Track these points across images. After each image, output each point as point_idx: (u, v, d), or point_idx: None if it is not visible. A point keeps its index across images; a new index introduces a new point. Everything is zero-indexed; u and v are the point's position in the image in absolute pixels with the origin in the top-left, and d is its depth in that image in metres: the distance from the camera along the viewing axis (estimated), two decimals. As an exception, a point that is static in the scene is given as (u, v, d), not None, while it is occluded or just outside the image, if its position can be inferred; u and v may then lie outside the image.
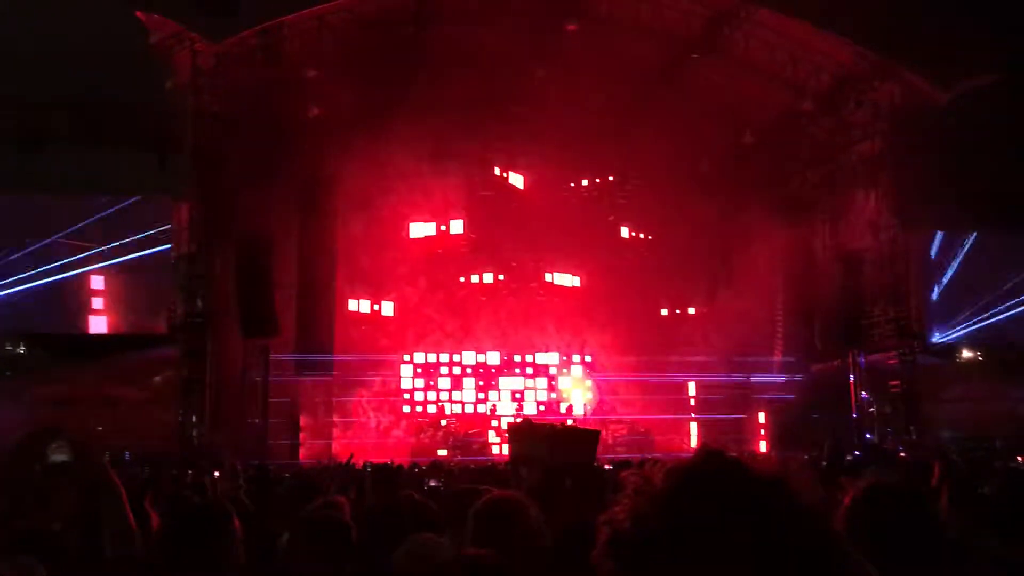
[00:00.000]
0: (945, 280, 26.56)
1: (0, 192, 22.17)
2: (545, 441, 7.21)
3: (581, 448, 7.27)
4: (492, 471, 12.14)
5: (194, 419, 20.85)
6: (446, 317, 26.46)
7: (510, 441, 8.38)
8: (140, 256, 22.75)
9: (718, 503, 1.07)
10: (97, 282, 22.91)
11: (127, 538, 3.20)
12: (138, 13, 20.41)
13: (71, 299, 22.64)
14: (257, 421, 22.91)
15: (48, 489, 4.70)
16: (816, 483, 1.14)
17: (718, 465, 1.12)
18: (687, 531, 1.06)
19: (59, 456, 3.38)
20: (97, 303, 22.91)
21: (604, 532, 1.15)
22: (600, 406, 27.59)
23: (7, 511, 3.80)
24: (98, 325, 22.82)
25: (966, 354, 26.23)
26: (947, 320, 26.44)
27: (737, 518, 1.05)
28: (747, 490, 1.08)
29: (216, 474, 9.67)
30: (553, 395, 27.69)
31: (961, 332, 26.14)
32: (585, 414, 27.30)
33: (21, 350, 22.43)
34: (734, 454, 1.14)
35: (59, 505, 4.67)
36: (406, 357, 27.20)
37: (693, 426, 28.53)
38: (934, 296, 26.50)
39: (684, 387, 28.47)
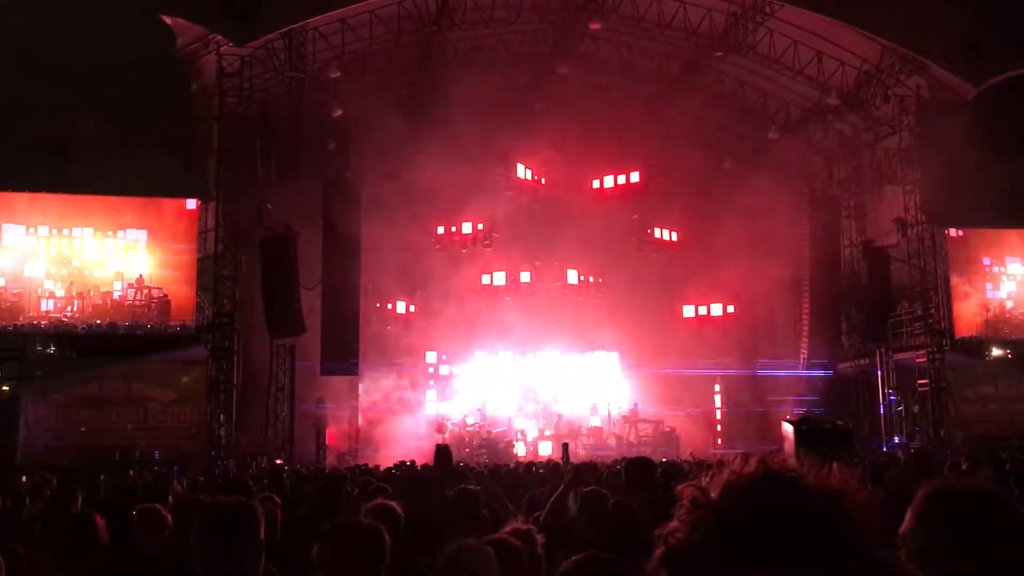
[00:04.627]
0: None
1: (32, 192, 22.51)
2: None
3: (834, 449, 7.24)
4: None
5: (221, 419, 21.00)
6: (469, 316, 26.43)
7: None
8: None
9: (776, 520, 1.06)
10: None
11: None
12: (164, 17, 20.59)
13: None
14: (282, 421, 23.08)
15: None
16: (873, 497, 1.12)
17: (776, 480, 1.11)
18: (745, 548, 1.05)
19: None
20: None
21: (660, 546, 1.13)
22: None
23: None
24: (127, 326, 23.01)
25: (995, 352, 25.86)
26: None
27: (794, 535, 1.05)
28: (805, 507, 1.07)
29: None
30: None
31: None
32: (610, 414, 27.25)
33: (51, 350, 22.64)
34: (791, 467, 1.13)
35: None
36: (430, 357, 27.25)
37: (719, 427, 28.47)
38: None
39: (709, 386, 28.35)
